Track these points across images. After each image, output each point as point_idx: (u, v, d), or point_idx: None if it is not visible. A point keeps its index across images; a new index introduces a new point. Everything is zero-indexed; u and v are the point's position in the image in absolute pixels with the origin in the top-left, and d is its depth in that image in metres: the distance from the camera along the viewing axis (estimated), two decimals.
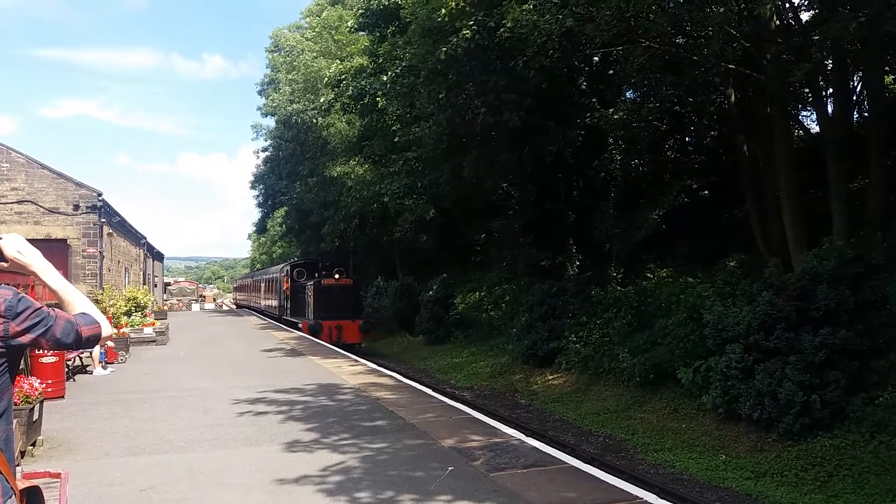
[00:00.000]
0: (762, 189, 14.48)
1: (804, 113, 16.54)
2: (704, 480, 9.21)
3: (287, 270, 30.94)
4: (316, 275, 27.40)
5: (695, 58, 12.71)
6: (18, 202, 22.63)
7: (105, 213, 24.34)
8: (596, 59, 16.82)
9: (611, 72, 17.19)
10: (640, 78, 15.14)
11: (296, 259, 35.23)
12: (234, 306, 62.65)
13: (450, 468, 6.38)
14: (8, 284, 2.08)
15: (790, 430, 9.34)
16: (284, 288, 30.67)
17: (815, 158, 13.83)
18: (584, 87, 18.17)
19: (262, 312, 39.24)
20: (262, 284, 39.94)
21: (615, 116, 15.82)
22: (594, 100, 18.09)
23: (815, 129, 15.31)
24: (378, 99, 19.78)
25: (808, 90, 13.92)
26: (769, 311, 10.05)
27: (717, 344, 10.84)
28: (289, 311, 29.84)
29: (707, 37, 12.19)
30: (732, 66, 12.24)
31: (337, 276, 25.73)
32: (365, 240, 33.40)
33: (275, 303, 33.83)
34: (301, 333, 24.28)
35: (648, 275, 16.80)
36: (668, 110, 15.73)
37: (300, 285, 28.45)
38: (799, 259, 11.44)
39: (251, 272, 62.32)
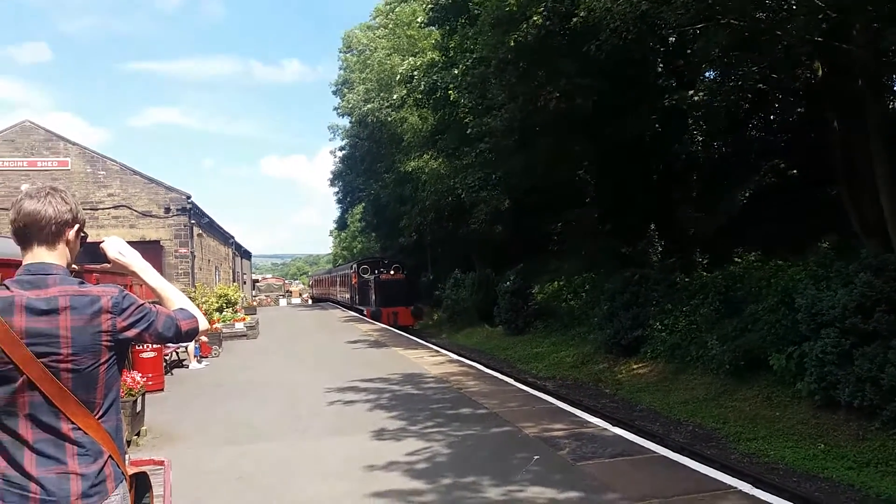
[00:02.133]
0: (855, 166, 13.67)
1: None
2: (802, 470, 8.82)
3: (355, 268, 36.77)
4: (377, 271, 32.72)
5: (777, 32, 12.10)
6: (115, 207, 23.97)
7: (194, 215, 25.46)
8: (672, 39, 16.28)
9: (688, 51, 16.61)
10: (720, 57, 14.55)
11: (362, 258, 40.87)
12: (309, 300, 64.51)
13: (535, 457, 6.37)
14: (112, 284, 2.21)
15: (894, 418, 8.83)
16: (353, 282, 36.09)
17: None
18: (660, 68, 17.62)
19: (336, 303, 44.94)
20: (337, 279, 46.13)
21: (695, 98, 15.28)
22: (672, 81, 17.53)
23: None
24: (450, 92, 19.81)
25: None
26: (867, 293, 9.51)
27: (811, 329, 10.35)
28: (357, 301, 35.06)
29: (790, 10, 11.58)
30: (819, 39, 11.59)
31: (392, 272, 31.59)
32: (441, 233, 33.60)
33: (346, 294, 39.46)
34: (383, 325, 25.64)
35: (736, 259, 16.18)
36: (750, 88, 15.06)
37: (365, 280, 33.67)
38: None
39: (327, 269, 67.79)
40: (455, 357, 15.21)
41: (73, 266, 2.16)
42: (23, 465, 1.88)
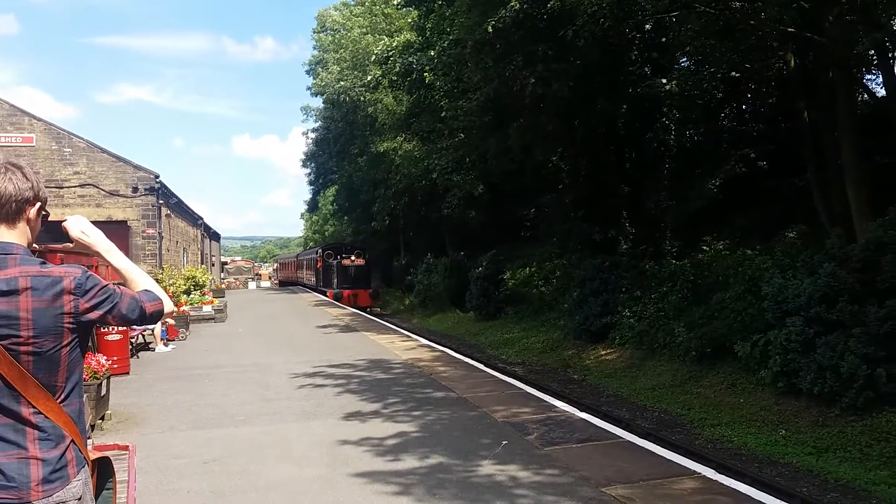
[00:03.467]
0: (824, 157, 13.92)
1: (869, 76, 15.77)
2: (764, 455, 9.02)
3: (320, 252, 39.05)
4: (339, 256, 35.13)
5: (752, 22, 12.21)
6: (81, 185, 23.44)
7: (163, 195, 25.03)
8: (648, 26, 16.34)
9: (664, 39, 16.69)
10: (695, 45, 14.65)
11: (326, 244, 44.45)
12: (277, 283, 64.12)
13: (504, 442, 6.41)
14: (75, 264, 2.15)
15: (853, 405, 9.05)
16: (318, 266, 38.49)
17: (881, 124, 13.20)
18: (636, 55, 17.70)
19: (302, 285, 47.35)
20: (304, 263, 48.97)
21: (667, 87, 15.38)
22: (647, 69, 17.62)
23: (881, 92, 14.60)
24: (426, 74, 19.70)
25: (873, 52, 13.25)
26: (831, 283, 9.71)
27: (776, 317, 10.54)
28: (322, 283, 37.38)
29: None
30: (792, 30, 11.72)
31: (354, 257, 34.37)
32: (414, 217, 33.59)
33: (312, 278, 42.10)
34: (353, 310, 25.78)
35: (705, 248, 16.41)
36: (723, 77, 15.19)
37: (329, 264, 35.90)
38: (863, 229, 10.99)
39: (294, 254, 69.37)
40: (426, 342, 15.22)
41: (35, 246, 2.10)
42: None
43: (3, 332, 1.83)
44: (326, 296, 33.32)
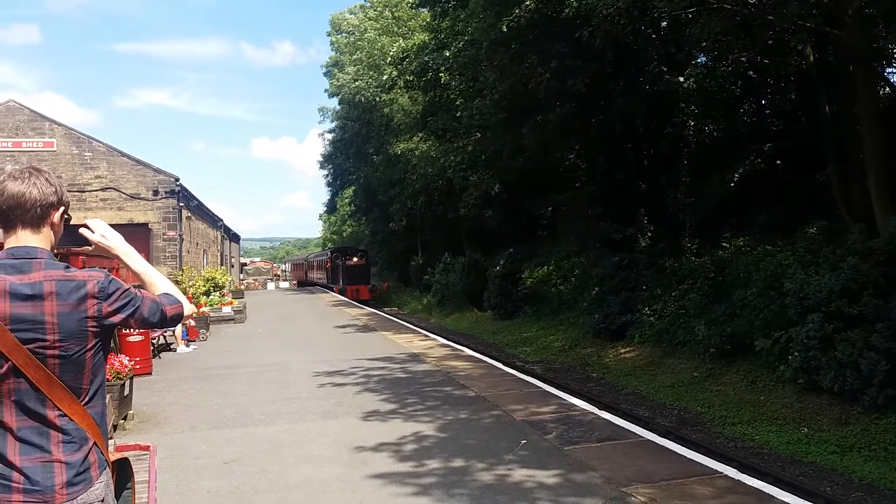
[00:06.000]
0: (845, 152, 13.73)
1: (890, 69, 15.52)
2: (786, 454, 8.93)
3: (328, 255, 45.15)
4: (344, 258, 40.62)
5: (770, 17, 12.07)
6: (102, 189, 23.75)
7: (183, 198, 25.26)
8: (664, 23, 16.21)
9: (680, 37, 16.55)
10: (712, 42, 14.51)
11: (334, 248, 49.42)
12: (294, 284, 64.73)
13: (523, 441, 6.40)
14: (98, 268, 2.17)
15: (874, 402, 8.92)
16: (328, 266, 44.28)
17: None
18: (652, 53, 17.57)
19: (313, 284, 52.27)
20: (314, 264, 54.84)
21: (685, 83, 15.26)
22: (664, 66, 17.49)
23: None
24: (441, 74, 19.71)
25: (893, 46, 13.04)
26: (854, 277, 9.59)
27: (798, 313, 10.42)
28: (330, 281, 43.23)
29: None
30: (811, 25, 11.57)
31: (356, 258, 40.31)
32: (431, 217, 33.61)
33: (322, 276, 47.71)
34: (371, 310, 26.11)
35: (725, 244, 16.24)
36: (742, 74, 15.03)
37: (336, 265, 41.40)
38: (885, 224, 10.82)
39: (304, 255, 74.46)
40: (444, 341, 15.23)
41: (56, 249, 2.12)
42: (5, 454, 1.85)
43: (29, 336, 1.86)
44: (333, 291, 39.56)
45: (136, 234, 22.18)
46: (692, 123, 17.18)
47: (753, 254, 14.39)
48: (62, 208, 2.05)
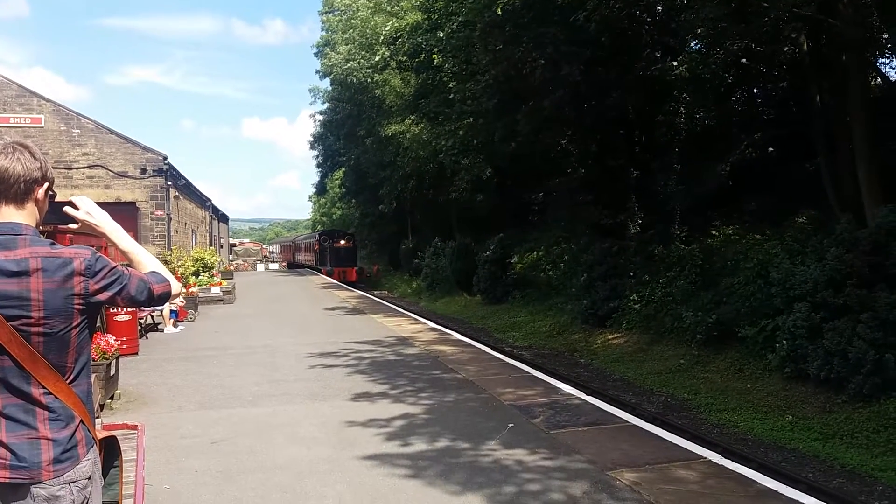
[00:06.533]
0: (835, 141, 13.78)
1: (882, 59, 15.54)
2: (770, 441, 9.03)
3: (317, 237, 45.73)
4: (332, 240, 41.37)
5: (764, 4, 12.04)
6: (89, 167, 23.45)
7: (171, 177, 25.03)
8: (659, 8, 16.14)
9: (673, 25, 16.49)
10: (706, 28, 14.46)
11: (322, 231, 50.32)
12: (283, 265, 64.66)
13: (510, 424, 6.44)
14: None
15: (860, 391, 9.03)
16: (316, 248, 44.76)
17: (894, 108, 13.03)
18: (647, 38, 17.51)
19: (301, 266, 52.64)
20: (302, 246, 55.76)
21: (678, 70, 15.21)
22: (657, 52, 17.44)
23: (894, 76, 14.41)
24: (434, 56, 19.56)
25: (886, 36, 13.03)
26: (838, 268, 9.67)
27: (784, 302, 10.51)
28: (318, 262, 43.67)
29: None
30: (805, 13, 11.55)
31: (343, 241, 41.20)
32: (422, 200, 33.53)
33: (310, 258, 48.21)
34: (361, 293, 26.11)
35: (714, 232, 16.32)
36: (735, 62, 15.00)
37: (324, 247, 41.98)
38: (873, 214, 10.90)
39: (292, 237, 74.45)
40: (433, 325, 15.26)
41: (42, 226, 2.09)
42: None
43: (14, 313, 1.83)
44: (321, 273, 39.81)
45: (124, 212, 21.95)
46: (684, 111, 17.17)
47: (742, 242, 14.47)
48: (46, 184, 2.02)
